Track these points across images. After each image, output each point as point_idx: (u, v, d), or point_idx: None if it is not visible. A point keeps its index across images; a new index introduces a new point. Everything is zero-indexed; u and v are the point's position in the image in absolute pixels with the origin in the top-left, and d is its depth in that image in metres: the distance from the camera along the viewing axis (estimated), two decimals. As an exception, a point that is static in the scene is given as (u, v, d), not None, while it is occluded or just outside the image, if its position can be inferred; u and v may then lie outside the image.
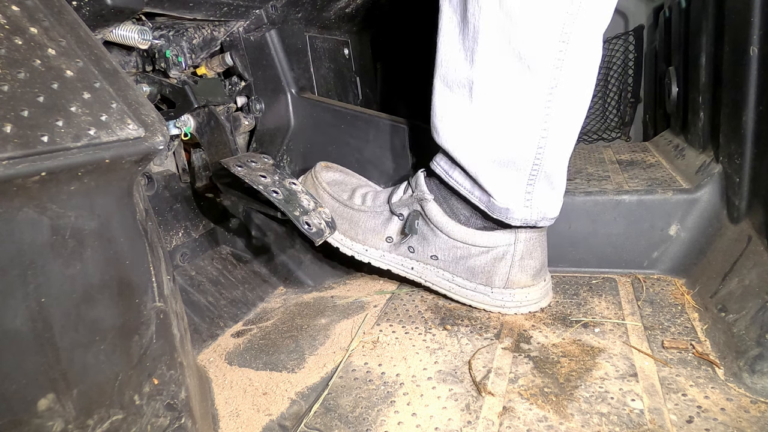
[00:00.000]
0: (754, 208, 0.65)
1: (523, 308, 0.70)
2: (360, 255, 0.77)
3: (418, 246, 0.73)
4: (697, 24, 0.84)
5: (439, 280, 0.74)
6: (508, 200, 0.66)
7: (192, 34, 0.82)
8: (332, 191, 0.78)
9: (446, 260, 0.72)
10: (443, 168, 0.71)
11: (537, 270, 0.70)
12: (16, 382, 0.32)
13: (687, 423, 0.47)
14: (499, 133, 0.64)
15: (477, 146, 0.66)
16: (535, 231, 0.69)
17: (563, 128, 0.64)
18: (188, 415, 0.44)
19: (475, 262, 0.70)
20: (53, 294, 0.34)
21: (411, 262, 0.75)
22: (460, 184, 0.69)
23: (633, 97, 1.42)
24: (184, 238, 0.80)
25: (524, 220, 0.67)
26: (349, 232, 0.77)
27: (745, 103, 0.64)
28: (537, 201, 0.67)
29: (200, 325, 0.71)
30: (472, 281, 0.71)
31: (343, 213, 0.77)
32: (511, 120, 0.63)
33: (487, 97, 0.63)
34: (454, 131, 0.67)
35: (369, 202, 0.77)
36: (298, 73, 0.89)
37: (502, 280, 0.70)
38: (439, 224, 0.71)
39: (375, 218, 0.76)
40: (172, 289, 0.46)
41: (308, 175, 0.82)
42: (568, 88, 0.61)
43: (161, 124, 0.41)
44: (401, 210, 0.74)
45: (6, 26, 0.35)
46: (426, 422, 0.51)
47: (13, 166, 0.30)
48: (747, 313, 0.56)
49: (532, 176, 0.66)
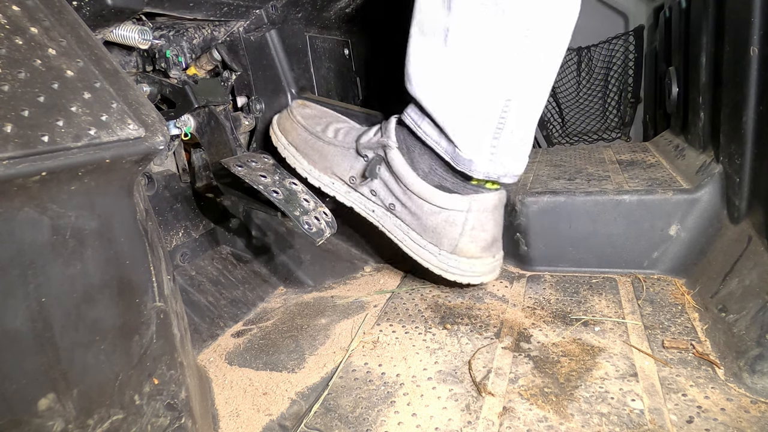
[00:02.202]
0: (754, 208, 0.65)
1: (465, 278, 0.71)
2: (326, 187, 0.77)
3: (379, 191, 0.74)
4: (698, 24, 0.84)
5: (395, 230, 0.75)
6: (472, 152, 0.67)
7: (192, 34, 0.83)
8: (306, 124, 0.79)
9: (402, 211, 0.73)
10: (412, 118, 0.71)
11: (487, 243, 0.71)
12: (16, 382, 0.32)
13: (687, 423, 0.47)
14: (469, 79, 0.65)
15: (447, 95, 0.67)
16: (490, 202, 0.70)
17: (533, 81, 0.65)
18: (188, 415, 0.44)
19: (427, 220, 0.71)
20: (53, 294, 0.34)
21: (372, 205, 0.76)
22: (428, 135, 0.70)
23: (633, 97, 1.42)
24: (185, 238, 0.80)
25: (487, 173, 0.68)
26: (319, 163, 0.77)
27: (745, 103, 0.64)
28: (501, 155, 0.67)
29: (200, 325, 0.71)
30: (424, 238, 0.72)
31: (314, 144, 0.78)
32: (483, 68, 0.64)
33: (462, 43, 0.64)
34: (426, 79, 0.68)
35: (340, 137, 0.77)
36: (298, 73, 0.89)
37: (451, 245, 0.70)
38: (399, 173, 0.71)
39: (342, 154, 0.76)
40: (173, 289, 0.46)
41: (284, 110, 0.83)
42: (540, 36, 0.62)
43: (161, 124, 0.41)
44: (366, 152, 0.74)
45: (6, 26, 0.35)
46: (426, 422, 0.51)
47: (14, 166, 0.30)
48: (747, 313, 0.56)
49: (498, 128, 0.66)
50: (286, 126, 0.81)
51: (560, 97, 1.51)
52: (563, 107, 1.51)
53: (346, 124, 0.80)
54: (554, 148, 1.30)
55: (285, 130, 0.81)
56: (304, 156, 0.78)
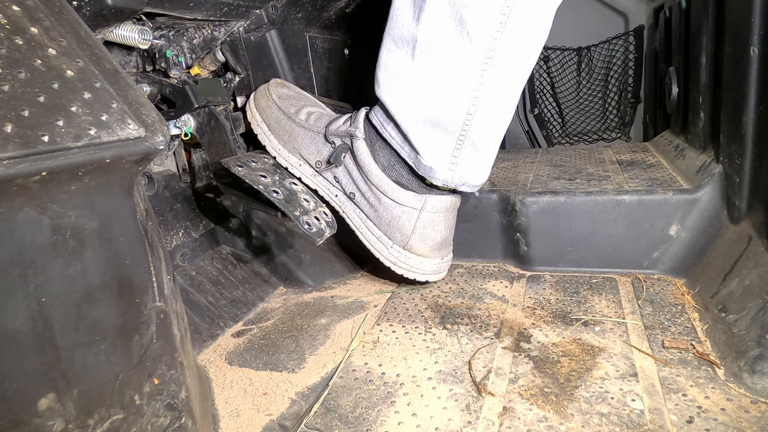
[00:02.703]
0: (754, 208, 0.65)
1: (411, 274, 0.74)
2: (293, 168, 0.79)
3: (342, 178, 0.76)
4: (698, 24, 0.84)
5: (354, 217, 0.77)
6: (433, 160, 0.69)
7: (192, 34, 0.82)
8: (281, 104, 0.80)
9: (361, 201, 0.75)
10: (379, 119, 0.73)
11: (437, 244, 0.73)
12: (16, 382, 0.32)
13: (687, 423, 0.47)
14: (433, 93, 0.67)
15: (411, 104, 0.68)
16: (444, 204, 0.72)
17: (496, 99, 0.66)
18: (188, 414, 0.44)
19: (384, 212, 0.73)
20: (54, 294, 0.33)
21: (335, 190, 0.78)
22: (392, 138, 0.72)
23: (633, 97, 1.42)
24: (185, 238, 0.80)
25: (445, 181, 0.70)
26: (288, 144, 0.79)
27: (745, 103, 0.64)
28: (462, 166, 0.69)
29: (200, 325, 0.71)
30: (380, 229, 0.74)
31: (286, 125, 0.79)
32: (446, 83, 0.66)
33: (427, 57, 0.66)
34: (393, 86, 0.70)
35: (311, 121, 0.78)
36: (299, 73, 0.89)
37: (403, 240, 0.73)
38: (362, 163, 0.73)
39: (311, 138, 0.77)
40: (173, 288, 0.46)
41: (261, 87, 0.83)
42: (504, 61, 0.63)
43: (161, 124, 0.41)
44: (334, 139, 0.75)
45: (6, 26, 0.35)
46: (426, 422, 0.51)
47: (14, 166, 0.30)
48: (747, 313, 0.56)
49: (459, 141, 0.68)
50: (261, 103, 0.82)
51: (560, 97, 1.51)
52: (563, 107, 1.51)
53: (319, 109, 0.82)
54: (554, 148, 1.30)
55: (260, 107, 0.82)
56: (275, 135, 0.79)
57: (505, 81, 0.66)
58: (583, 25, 1.41)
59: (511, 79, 0.66)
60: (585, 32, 1.42)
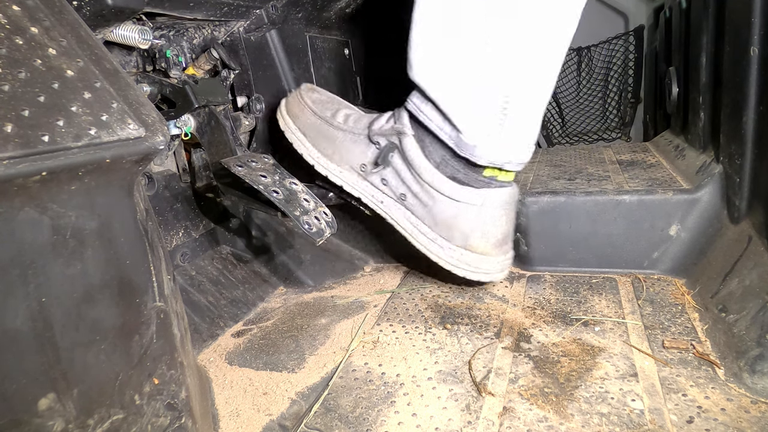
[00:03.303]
0: (754, 208, 0.65)
1: (474, 275, 0.69)
2: (333, 176, 0.75)
3: (391, 180, 0.72)
4: (698, 24, 0.84)
5: (404, 222, 0.73)
6: (476, 137, 0.65)
7: (192, 34, 0.83)
8: (315, 108, 0.76)
9: (413, 202, 0.71)
10: (415, 104, 0.69)
11: (499, 241, 0.69)
12: (16, 382, 0.32)
13: (687, 423, 0.47)
14: (472, 68, 0.63)
15: (450, 81, 0.65)
16: (504, 197, 0.68)
17: (539, 70, 0.63)
18: (188, 414, 0.44)
19: (439, 212, 0.69)
20: (54, 294, 0.33)
21: (382, 195, 0.73)
22: (430, 120, 0.68)
23: (633, 97, 1.42)
24: (185, 238, 0.80)
25: (490, 159, 0.66)
26: (327, 150, 0.75)
27: (745, 103, 0.64)
28: (506, 141, 0.65)
29: (200, 325, 0.71)
30: (434, 230, 0.70)
31: (324, 130, 0.75)
32: (486, 57, 0.62)
33: (464, 33, 0.63)
34: (428, 66, 0.66)
35: (351, 123, 0.74)
36: (299, 73, 0.89)
37: (462, 239, 0.68)
38: (413, 162, 0.69)
39: (353, 141, 0.73)
40: (173, 288, 0.46)
41: (293, 93, 0.80)
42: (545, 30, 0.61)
43: (162, 124, 0.41)
44: (379, 139, 0.72)
45: (7, 26, 0.35)
46: (426, 422, 0.51)
47: (14, 166, 0.30)
48: (747, 313, 0.56)
49: (503, 115, 0.64)
50: (294, 110, 0.78)
51: (560, 97, 1.51)
52: (563, 107, 1.51)
53: (354, 110, 0.78)
54: (554, 148, 1.30)
55: (293, 114, 0.78)
56: (312, 142, 0.76)
57: (549, 41, 0.62)
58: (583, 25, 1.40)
59: (554, 38, 0.62)
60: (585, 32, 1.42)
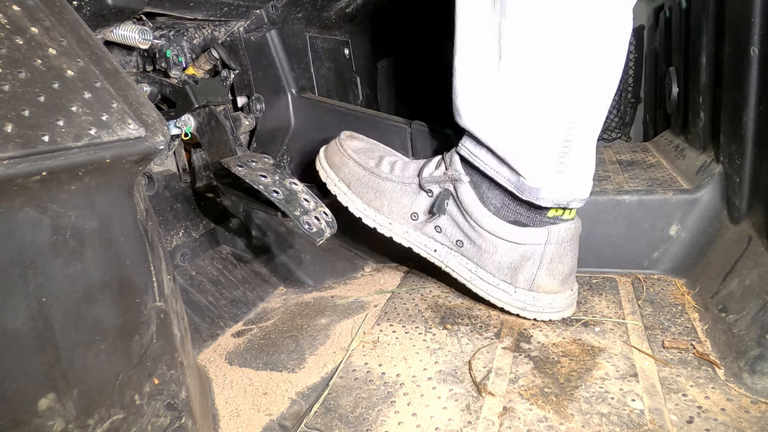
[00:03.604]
0: (754, 208, 0.65)
1: (545, 315, 0.67)
2: (382, 228, 0.73)
3: (446, 227, 0.70)
4: (698, 24, 0.84)
5: (461, 269, 0.71)
6: (538, 180, 0.63)
7: (192, 34, 0.83)
8: (358, 158, 0.75)
9: (471, 249, 0.69)
10: (468, 149, 0.68)
11: (565, 276, 0.67)
12: (16, 382, 0.32)
13: (687, 423, 0.47)
14: (528, 109, 0.62)
15: (506, 125, 0.63)
16: (569, 232, 0.66)
17: (596, 103, 0.62)
18: (188, 414, 0.44)
19: (501, 257, 0.67)
20: (54, 294, 0.34)
21: (435, 244, 0.72)
22: (486, 164, 0.66)
23: (633, 97, 1.42)
24: (185, 238, 0.80)
25: (555, 200, 0.64)
26: (374, 201, 0.73)
27: (745, 103, 0.64)
28: (568, 180, 0.64)
29: (200, 325, 0.71)
30: (496, 276, 0.68)
31: (369, 181, 0.73)
32: (542, 94, 0.61)
33: (516, 72, 0.61)
34: (478, 110, 0.65)
35: (397, 172, 0.73)
36: (299, 73, 0.89)
37: (528, 281, 0.66)
38: (469, 209, 0.67)
39: (402, 191, 0.72)
40: (173, 288, 0.46)
41: (332, 143, 0.78)
42: (599, 58, 0.59)
43: (162, 124, 0.41)
44: (431, 186, 0.70)
45: (7, 26, 0.35)
46: (426, 422, 0.51)
47: (14, 166, 0.30)
48: (747, 313, 0.56)
49: (563, 154, 0.62)
50: (335, 161, 0.76)
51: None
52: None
53: (396, 157, 0.77)
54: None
55: (335, 165, 0.76)
56: (357, 194, 0.74)
57: (603, 79, 0.61)
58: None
59: (608, 76, 0.61)
60: (585, 32, 1.42)
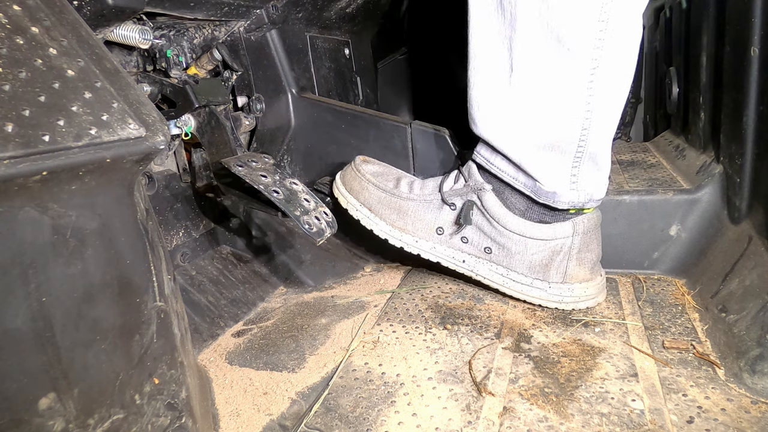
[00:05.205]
0: (754, 208, 0.65)
1: (581, 303, 0.69)
2: (409, 247, 0.75)
3: (472, 237, 0.72)
4: (698, 24, 0.84)
5: (492, 275, 0.72)
6: (554, 184, 0.66)
7: (193, 34, 0.83)
8: (377, 181, 0.77)
9: (500, 254, 0.71)
10: (484, 157, 0.70)
11: (593, 263, 0.70)
12: (17, 382, 0.32)
13: (687, 423, 0.47)
14: (541, 117, 0.64)
15: (519, 132, 0.66)
16: (592, 221, 0.69)
17: (607, 108, 0.64)
18: (189, 414, 0.44)
19: (532, 256, 0.69)
20: (54, 293, 0.34)
21: (462, 255, 0.74)
22: (503, 171, 0.69)
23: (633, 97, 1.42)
24: (185, 238, 0.80)
25: (571, 202, 0.67)
26: (397, 222, 0.75)
27: (745, 103, 0.64)
28: (583, 183, 0.67)
29: (201, 325, 0.71)
30: (528, 276, 0.70)
31: (390, 203, 0.75)
32: (553, 103, 0.63)
33: (528, 83, 0.63)
34: (493, 119, 0.67)
35: (417, 191, 0.75)
36: (299, 73, 0.89)
37: (560, 274, 0.69)
38: (496, 216, 0.69)
39: (424, 207, 0.74)
40: (173, 288, 0.46)
41: (348, 168, 0.80)
42: (609, 67, 0.61)
43: (162, 124, 0.41)
44: (454, 200, 0.72)
45: (7, 26, 0.35)
46: (426, 422, 0.51)
47: (15, 166, 0.30)
48: (748, 313, 0.56)
49: (577, 158, 0.65)
50: (354, 186, 0.78)
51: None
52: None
53: (412, 177, 0.79)
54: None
55: (354, 190, 0.78)
56: (380, 217, 0.76)
57: (615, 86, 0.63)
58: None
59: (619, 82, 0.63)
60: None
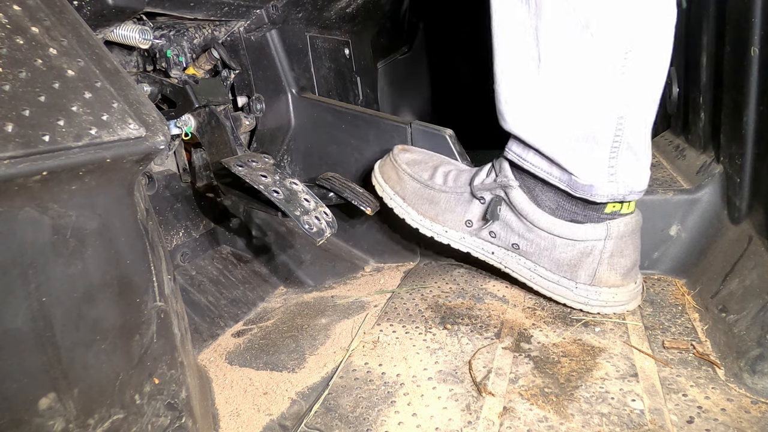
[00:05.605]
0: (754, 208, 0.65)
1: (608, 309, 0.67)
2: (439, 236, 0.76)
3: (500, 232, 0.71)
4: (698, 24, 0.84)
5: (521, 269, 0.72)
6: (590, 176, 0.64)
7: (193, 34, 0.83)
8: (412, 171, 0.77)
9: (528, 250, 0.70)
10: (516, 153, 0.69)
11: (627, 269, 0.67)
12: (17, 382, 0.32)
13: (687, 423, 0.47)
14: (573, 107, 0.62)
15: (550, 125, 0.64)
16: (629, 226, 0.66)
17: (644, 93, 0.61)
18: (189, 414, 0.44)
19: (559, 254, 0.68)
20: (54, 293, 0.34)
21: (492, 247, 0.73)
22: (536, 166, 0.67)
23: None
24: (185, 238, 0.80)
25: (610, 195, 0.64)
26: (429, 212, 0.75)
27: (745, 103, 0.64)
28: (622, 174, 0.64)
29: (201, 325, 0.71)
30: (556, 273, 0.69)
31: (423, 193, 0.76)
32: (585, 92, 0.61)
33: (557, 72, 0.62)
34: (522, 114, 0.66)
35: (450, 183, 0.75)
36: (299, 73, 0.89)
37: (589, 276, 0.67)
38: (524, 212, 0.68)
39: (455, 199, 0.74)
40: (173, 288, 0.46)
41: (386, 158, 0.80)
42: (644, 50, 0.59)
43: (162, 124, 0.41)
44: (483, 194, 0.72)
45: (7, 26, 0.35)
46: (426, 422, 0.51)
47: (15, 166, 0.30)
48: (748, 313, 0.56)
49: (614, 148, 0.63)
50: (390, 175, 0.78)
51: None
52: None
53: (451, 166, 0.78)
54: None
55: (390, 179, 0.78)
56: (412, 206, 0.76)
57: (651, 69, 0.61)
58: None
59: (656, 65, 0.61)
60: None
